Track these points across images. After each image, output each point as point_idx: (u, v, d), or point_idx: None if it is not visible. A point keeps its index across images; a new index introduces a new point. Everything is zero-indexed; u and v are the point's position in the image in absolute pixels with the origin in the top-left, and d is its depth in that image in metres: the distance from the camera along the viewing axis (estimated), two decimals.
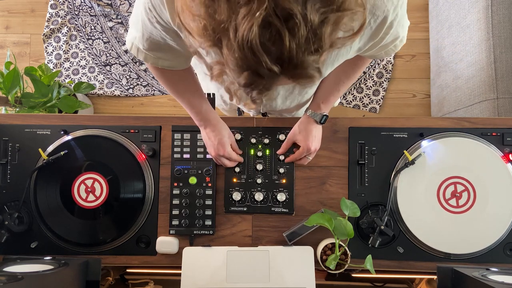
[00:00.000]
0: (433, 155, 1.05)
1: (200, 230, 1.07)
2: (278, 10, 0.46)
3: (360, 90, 2.11)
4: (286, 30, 0.47)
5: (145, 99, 2.20)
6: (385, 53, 0.88)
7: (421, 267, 1.05)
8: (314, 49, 0.50)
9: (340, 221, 0.94)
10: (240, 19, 0.47)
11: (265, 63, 0.49)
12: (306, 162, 1.08)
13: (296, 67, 0.51)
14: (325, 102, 1.01)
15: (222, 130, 1.04)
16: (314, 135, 1.03)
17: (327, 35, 0.49)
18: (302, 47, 0.49)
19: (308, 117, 1.02)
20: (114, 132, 1.11)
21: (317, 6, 0.47)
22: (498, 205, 1.02)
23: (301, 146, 1.03)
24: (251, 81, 0.52)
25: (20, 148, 1.11)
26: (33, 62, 2.27)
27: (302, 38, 0.48)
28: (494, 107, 1.46)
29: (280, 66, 0.50)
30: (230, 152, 1.05)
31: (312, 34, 0.48)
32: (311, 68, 0.52)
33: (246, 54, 0.48)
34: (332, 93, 1.01)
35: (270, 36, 0.47)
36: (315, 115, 1.01)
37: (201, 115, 1.02)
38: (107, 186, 1.08)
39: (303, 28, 0.47)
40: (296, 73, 0.52)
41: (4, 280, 0.78)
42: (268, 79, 0.52)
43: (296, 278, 0.98)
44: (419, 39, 2.11)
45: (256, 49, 0.48)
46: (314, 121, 1.02)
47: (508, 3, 1.48)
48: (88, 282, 0.98)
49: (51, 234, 1.08)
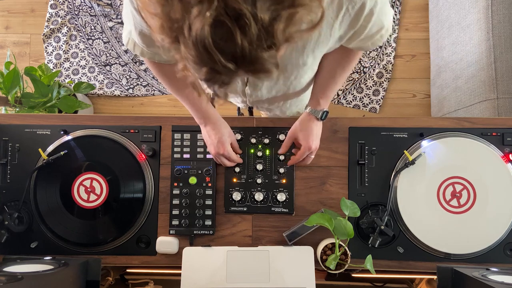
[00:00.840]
0: (433, 155, 1.05)
1: (200, 230, 1.07)
2: (228, 10, 0.47)
3: (360, 90, 2.11)
4: (237, 28, 0.48)
5: (145, 99, 2.20)
6: (371, 44, 0.88)
7: (421, 267, 1.05)
8: (267, 46, 0.51)
9: (340, 221, 0.94)
10: (192, 19, 0.48)
11: (219, 61, 0.50)
12: (309, 161, 1.07)
13: (251, 63, 0.52)
14: (324, 97, 1.02)
15: (222, 128, 1.04)
16: (315, 134, 1.03)
17: (279, 31, 0.50)
18: (254, 44, 0.50)
19: (308, 114, 1.02)
20: (114, 132, 1.11)
21: (267, 4, 0.48)
22: (498, 205, 1.02)
23: (302, 145, 1.03)
24: (211, 76, 0.53)
25: (20, 148, 1.11)
26: (33, 62, 2.27)
27: (253, 36, 0.49)
28: (494, 107, 1.46)
29: (234, 63, 0.51)
30: (230, 151, 1.05)
31: (263, 31, 0.49)
32: (267, 63, 0.53)
33: (200, 52, 0.50)
34: (330, 87, 1.01)
35: (222, 35, 0.48)
36: (315, 112, 1.01)
37: (201, 112, 1.02)
38: (107, 186, 1.08)
39: (254, 27, 0.48)
40: (252, 68, 0.53)
41: (4, 280, 0.78)
42: (226, 74, 0.53)
43: (296, 278, 0.98)
44: (419, 39, 2.11)
45: (209, 48, 0.49)
46: (314, 118, 1.02)
47: (508, 3, 1.48)
48: (88, 282, 0.98)
49: (51, 234, 1.08)
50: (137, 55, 2.16)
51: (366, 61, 2.11)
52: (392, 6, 2.12)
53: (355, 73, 2.11)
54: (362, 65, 2.11)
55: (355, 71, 2.11)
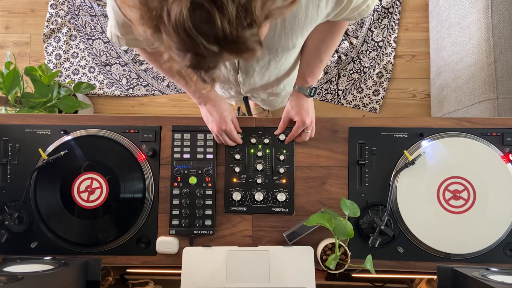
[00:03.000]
0: (433, 155, 1.05)
1: (200, 230, 1.07)
2: None
3: (360, 90, 2.11)
4: (216, 9, 0.48)
5: (145, 99, 2.20)
6: (358, 15, 0.89)
7: (421, 267, 1.05)
8: (247, 24, 0.51)
9: (340, 221, 0.94)
10: (170, 4, 0.48)
11: (202, 44, 0.50)
12: (307, 137, 1.08)
13: (234, 43, 0.52)
14: (311, 75, 1.03)
15: (223, 105, 1.04)
16: (306, 108, 1.04)
17: (258, 8, 0.51)
18: (234, 24, 0.50)
19: (297, 93, 1.04)
20: (114, 132, 1.11)
21: None
22: (498, 205, 1.02)
23: (296, 120, 1.04)
24: (196, 62, 0.54)
25: (20, 148, 1.11)
26: (33, 62, 2.27)
27: (232, 16, 0.49)
28: (494, 107, 1.46)
29: (217, 45, 0.51)
30: (232, 127, 1.05)
31: (242, 10, 0.49)
32: (250, 41, 0.53)
33: (182, 37, 0.50)
34: (316, 65, 1.02)
35: (201, 18, 0.49)
36: (303, 89, 1.03)
37: (199, 92, 1.01)
38: (107, 186, 1.08)
39: (232, 6, 0.48)
40: (236, 48, 0.53)
41: (4, 280, 0.78)
42: (211, 57, 0.53)
43: (296, 278, 0.98)
44: (419, 39, 2.11)
45: (190, 32, 0.49)
46: (303, 95, 1.03)
47: (508, 3, 1.48)
48: (88, 282, 0.98)
49: (51, 234, 1.09)
50: (138, 55, 2.17)
51: (366, 61, 2.11)
52: (392, 6, 2.12)
53: (355, 73, 2.11)
54: (362, 65, 2.11)
55: (355, 71, 2.11)
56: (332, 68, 2.11)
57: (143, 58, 0.97)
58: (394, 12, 2.12)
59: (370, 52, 2.11)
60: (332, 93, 2.10)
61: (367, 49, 2.12)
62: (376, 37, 2.12)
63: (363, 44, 2.12)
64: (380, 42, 2.11)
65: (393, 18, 2.12)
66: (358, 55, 2.12)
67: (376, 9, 2.13)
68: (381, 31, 2.11)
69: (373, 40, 2.12)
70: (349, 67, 2.12)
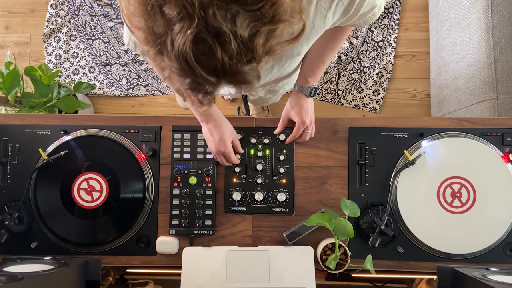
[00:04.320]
0: (433, 155, 1.05)
1: (200, 230, 1.07)
2: (209, 28, 0.48)
3: (360, 90, 2.11)
4: (218, 45, 0.50)
5: (145, 99, 2.20)
6: (364, 22, 0.90)
7: (421, 267, 1.05)
8: (247, 60, 0.53)
9: (340, 221, 0.94)
10: (174, 35, 0.50)
11: (200, 74, 0.52)
12: (307, 137, 1.08)
13: (233, 75, 0.54)
14: (312, 76, 1.03)
15: (224, 126, 1.04)
16: (306, 108, 1.04)
17: (259, 46, 0.52)
18: (235, 59, 0.52)
19: (297, 92, 1.04)
20: (114, 132, 1.11)
21: (247, 21, 0.50)
22: (498, 205, 1.02)
23: (296, 121, 1.05)
24: (194, 87, 0.55)
25: (20, 148, 1.11)
26: (33, 62, 2.27)
27: (234, 52, 0.51)
28: (494, 107, 1.46)
29: (216, 76, 0.53)
30: (230, 150, 1.05)
31: (243, 47, 0.51)
32: (249, 75, 0.55)
33: (183, 65, 0.52)
34: (318, 66, 1.02)
35: (203, 51, 0.50)
36: (304, 89, 1.03)
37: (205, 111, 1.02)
38: (107, 186, 1.08)
39: (234, 43, 0.50)
40: (233, 80, 0.55)
41: (4, 280, 0.78)
42: (209, 85, 0.55)
43: (296, 278, 0.98)
44: (419, 39, 2.11)
45: (191, 62, 0.51)
46: (303, 95, 1.04)
47: (508, 3, 1.48)
48: (88, 282, 0.98)
49: (51, 234, 1.08)
50: (138, 56, 2.17)
51: (366, 61, 2.11)
52: (392, 6, 2.12)
53: (355, 73, 2.11)
54: (362, 65, 2.11)
55: (355, 71, 2.11)
56: (332, 68, 2.11)
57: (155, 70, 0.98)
58: (394, 12, 2.12)
59: (370, 52, 2.11)
60: (332, 93, 2.10)
61: (367, 49, 2.12)
62: (376, 37, 2.11)
63: (363, 44, 2.12)
64: (380, 42, 2.11)
65: (393, 18, 2.12)
66: (358, 55, 2.12)
67: None
68: (381, 31, 2.11)
69: (373, 40, 2.12)
70: (349, 67, 2.12)
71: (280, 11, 0.51)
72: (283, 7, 0.51)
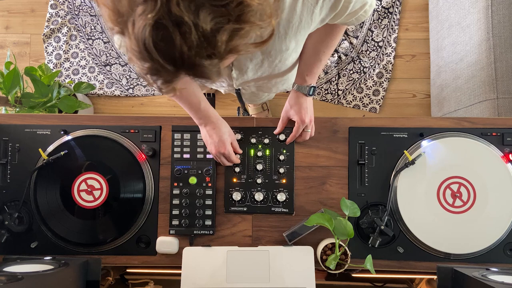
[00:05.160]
0: (433, 155, 1.05)
1: (200, 230, 1.07)
2: (171, 15, 0.48)
3: (360, 90, 2.11)
4: (178, 34, 0.49)
5: (145, 99, 2.20)
6: (356, 20, 0.90)
7: (421, 267, 1.05)
8: (207, 54, 0.52)
9: (340, 221, 0.94)
10: (136, 16, 0.49)
11: (158, 60, 0.52)
12: (307, 136, 1.08)
13: (190, 68, 0.53)
14: (310, 75, 1.03)
15: (223, 128, 1.04)
16: (305, 107, 1.04)
17: (221, 42, 0.52)
18: (194, 51, 0.51)
19: (295, 92, 1.04)
20: (114, 132, 1.11)
21: (210, 16, 0.49)
22: (498, 205, 1.02)
23: (296, 120, 1.05)
24: (152, 72, 0.55)
25: (20, 148, 1.11)
26: (33, 62, 2.27)
27: (193, 43, 0.50)
28: (494, 107, 1.46)
29: (173, 65, 0.52)
30: (230, 150, 1.05)
31: (204, 40, 0.51)
32: (208, 70, 0.54)
33: (141, 49, 0.51)
34: (315, 65, 1.02)
35: (163, 37, 0.50)
36: (302, 88, 1.03)
37: (200, 112, 1.02)
38: (107, 186, 1.08)
39: (195, 34, 0.49)
40: (191, 73, 0.55)
41: (4, 280, 0.78)
42: (168, 73, 0.54)
43: (296, 278, 0.98)
44: (419, 39, 2.11)
45: (149, 47, 0.50)
46: (302, 94, 1.04)
47: (508, 3, 1.48)
48: (88, 282, 0.98)
49: (51, 234, 1.08)
50: None
51: (366, 61, 2.11)
52: (392, 6, 2.12)
53: (355, 73, 2.11)
54: (362, 65, 2.11)
55: (355, 71, 2.11)
56: (332, 68, 2.11)
57: None
58: (394, 12, 2.12)
59: (370, 52, 2.11)
60: (332, 93, 2.10)
61: (367, 49, 2.12)
62: (376, 37, 2.11)
63: (363, 44, 2.12)
64: (380, 42, 2.11)
65: (393, 18, 2.12)
66: (358, 55, 2.12)
67: (376, 9, 2.13)
68: (381, 31, 2.11)
69: (373, 40, 2.12)
70: (349, 67, 2.12)
71: (247, 12, 0.51)
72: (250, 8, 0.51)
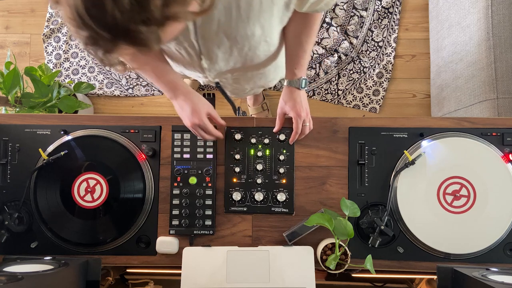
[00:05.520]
0: (433, 155, 1.05)
1: (200, 230, 1.07)
2: None
3: (360, 90, 2.11)
4: None
5: (145, 99, 2.20)
6: (325, 5, 0.90)
7: (421, 267, 1.05)
8: (143, 20, 0.51)
9: (340, 221, 0.94)
10: None
11: (92, 27, 0.51)
12: (307, 130, 1.08)
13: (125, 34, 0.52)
14: (298, 67, 1.03)
15: (195, 98, 1.01)
16: (299, 101, 1.04)
17: (156, 8, 0.51)
18: (126, 16, 0.50)
19: (288, 87, 1.05)
20: (114, 132, 1.11)
21: None
22: (498, 205, 1.02)
23: (292, 116, 1.05)
24: (90, 42, 0.54)
25: (20, 148, 1.11)
26: (33, 62, 2.27)
27: (125, 8, 0.49)
28: (494, 107, 1.46)
29: (108, 32, 0.51)
30: (206, 121, 1.01)
31: (137, 5, 0.50)
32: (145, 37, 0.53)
33: (75, 16, 0.51)
34: (301, 56, 1.02)
35: (94, 2, 0.49)
36: (294, 82, 1.04)
37: (169, 84, 1.00)
38: (107, 186, 1.08)
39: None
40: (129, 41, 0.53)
41: (4, 280, 0.78)
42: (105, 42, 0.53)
43: (296, 278, 0.98)
44: (419, 39, 2.11)
45: (81, 13, 0.50)
46: (295, 89, 1.04)
47: (508, 3, 1.48)
48: (88, 282, 0.98)
49: (51, 234, 1.08)
50: None
51: (366, 61, 2.11)
52: (392, 6, 2.12)
53: (355, 73, 2.11)
54: (362, 65, 2.11)
55: (355, 71, 2.11)
56: (332, 68, 2.11)
57: None
58: (394, 12, 2.12)
59: (370, 52, 2.11)
60: (332, 93, 2.10)
61: (367, 49, 2.12)
62: (376, 37, 2.11)
63: (363, 44, 2.12)
64: (380, 42, 2.11)
65: (393, 18, 2.12)
66: (358, 55, 2.12)
67: (376, 9, 2.13)
68: (381, 31, 2.11)
69: (373, 40, 2.12)
70: (349, 67, 2.12)
71: None
72: None
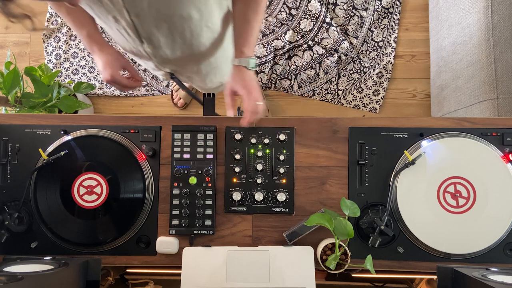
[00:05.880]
0: (433, 155, 1.05)
1: (200, 230, 1.07)
2: None
3: (360, 90, 2.11)
4: None
5: (145, 99, 2.20)
6: None
7: (421, 267, 1.05)
8: None
9: (340, 221, 0.94)
10: None
11: None
12: (261, 109, 1.05)
13: None
14: (246, 45, 1.03)
15: (106, 49, 1.01)
16: (249, 80, 1.03)
17: None
18: None
19: (238, 67, 1.04)
20: (114, 132, 1.11)
21: None
22: (498, 205, 1.02)
23: (243, 94, 1.03)
24: None
25: (20, 148, 1.11)
26: (33, 62, 2.27)
27: None
28: (494, 107, 1.46)
29: None
30: (117, 76, 1.01)
31: None
32: None
33: None
34: (249, 32, 1.02)
35: None
36: (243, 61, 1.03)
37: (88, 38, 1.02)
38: (107, 186, 1.08)
39: None
40: None
41: (4, 280, 0.78)
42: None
43: (296, 278, 0.98)
44: (419, 39, 2.11)
45: None
46: (244, 68, 1.03)
47: (508, 3, 1.48)
48: (88, 282, 0.98)
49: (51, 234, 1.08)
50: None
51: (366, 61, 2.11)
52: (392, 6, 2.12)
53: (355, 73, 2.11)
54: (362, 65, 2.11)
55: (355, 71, 2.11)
56: (332, 68, 2.11)
57: None
58: (394, 12, 2.12)
59: (370, 52, 2.11)
60: (332, 93, 2.10)
61: (367, 49, 2.12)
62: (376, 37, 2.12)
63: (363, 44, 2.12)
64: (380, 42, 2.11)
65: (393, 18, 2.12)
66: (358, 55, 2.12)
67: (376, 9, 2.13)
68: (381, 31, 2.11)
69: (373, 40, 2.12)
70: (349, 67, 2.12)
71: None
72: None
